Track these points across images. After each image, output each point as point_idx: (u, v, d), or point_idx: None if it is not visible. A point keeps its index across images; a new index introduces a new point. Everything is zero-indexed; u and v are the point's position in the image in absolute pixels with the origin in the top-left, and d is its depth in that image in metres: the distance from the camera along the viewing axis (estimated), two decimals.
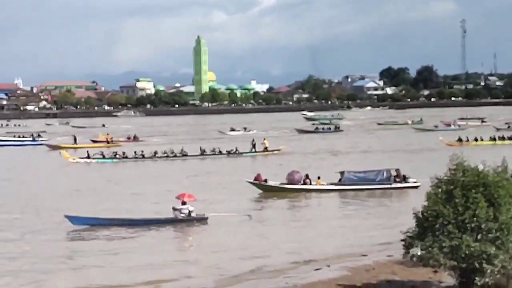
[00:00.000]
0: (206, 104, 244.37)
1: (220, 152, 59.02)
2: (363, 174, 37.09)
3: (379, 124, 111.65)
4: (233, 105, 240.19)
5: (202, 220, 27.99)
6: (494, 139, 68.06)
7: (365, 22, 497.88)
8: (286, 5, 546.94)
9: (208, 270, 20.71)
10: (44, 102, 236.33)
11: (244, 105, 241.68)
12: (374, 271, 19.39)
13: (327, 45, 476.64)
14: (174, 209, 27.84)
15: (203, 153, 58.72)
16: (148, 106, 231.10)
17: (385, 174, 36.79)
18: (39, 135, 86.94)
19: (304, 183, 36.37)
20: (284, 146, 63.53)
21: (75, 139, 74.81)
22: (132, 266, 21.41)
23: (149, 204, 32.88)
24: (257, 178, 36.63)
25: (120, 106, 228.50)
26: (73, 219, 27.40)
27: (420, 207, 14.90)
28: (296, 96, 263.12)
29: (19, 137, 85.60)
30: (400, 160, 49.81)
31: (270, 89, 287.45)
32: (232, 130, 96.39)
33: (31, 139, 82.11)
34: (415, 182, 35.65)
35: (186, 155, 58.08)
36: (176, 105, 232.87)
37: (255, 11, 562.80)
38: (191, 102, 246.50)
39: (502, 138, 68.80)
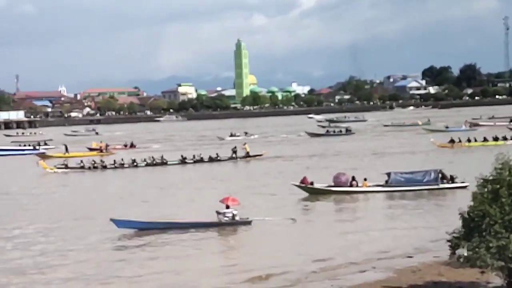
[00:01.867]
0: (247, 107, 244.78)
1: (201, 159, 58.32)
2: (410, 175, 36.71)
3: (385, 125, 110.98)
4: (274, 107, 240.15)
5: (246, 223, 28.01)
6: (485, 140, 65.87)
7: (406, 21, 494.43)
8: (326, 6, 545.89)
9: (252, 273, 20.69)
10: (87, 109, 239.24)
11: (285, 107, 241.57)
12: (420, 272, 19.24)
13: (368, 45, 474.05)
14: (218, 213, 27.91)
15: (183, 160, 57.97)
16: (190, 110, 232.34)
17: (432, 175, 36.38)
18: (45, 143, 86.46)
19: (351, 185, 36.18)
20: (265, 151, 62.41)
21: (66, 148, 73.40)
22: (178, 270, 21.53)
23: (182, 208, 32.98)
24: (303, 180, 36.53)
25: (162, 111, 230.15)
26: (118, 223, 27.67)
27: (466, 207, 14.74)
28: (337, 97, 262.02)
29: (25, 146, 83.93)
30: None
31: (311, 91, 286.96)
32: (232, 135, 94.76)
33: (31, 148, 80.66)
34: (463, 182, 35.20)
35: (166, 163, 57.05)
36: (218, 109, 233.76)
37: (295, 13, 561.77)
38: (233, 105, 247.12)
39: (495, 139, 66.37)
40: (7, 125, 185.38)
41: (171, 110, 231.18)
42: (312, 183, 36.39)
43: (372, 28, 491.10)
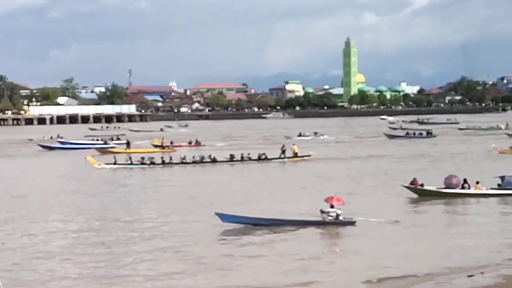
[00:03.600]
0: (354, 106, 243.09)
1: (250, 158, 57.30)
2: None
3: (460, 129, 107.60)
4: (382, 107, 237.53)
5: (350, 224, 27.66)
6: None
7: None
8: (439, 5, 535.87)
9: (354, 274, 20.38)
10: (196, 104, 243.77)
11: (393, 107, 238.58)
12: None
13: (482, 45, 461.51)
14: (322, 211, 27.69)
15: (232, 159, 57.13)
16: (297, 108, 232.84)
17: None
18: (118, 138, 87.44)
19: (463, 188, 35.21)
20: (313, 152, 60.83)
21: (128, 144, 73.72)
22: (281, 267, 21.46)
23: (281, 206, 32.85)
24: (413, 182, 35.84)
25: (269, 108, 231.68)
26: (223, 217, 27.88)
27: None
28: (448, 98, 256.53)
29: (97, 140, 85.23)
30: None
31: (420, 91, 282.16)
32: (300, 135, 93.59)
33: (102, 142, 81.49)
34: None
35: (215, 161, 56.15)
36: (325, 107, 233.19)
37: (407, 12, 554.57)
38: (340, 104, 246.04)
39: None
40: (119, 118, 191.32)
41: (278, 108, 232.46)
42: (422, 185, 35.64)
43: (487, 27, 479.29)
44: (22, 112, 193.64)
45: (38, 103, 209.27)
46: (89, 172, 52.10)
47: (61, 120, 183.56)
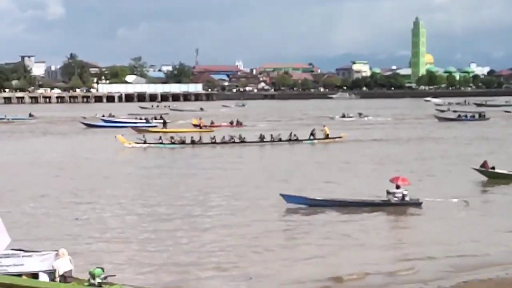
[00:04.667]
0: (422, 87, 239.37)
1: (280, 140, 56.76)
2: None
3: (506, 112, 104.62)
4: (450, 88, 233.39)
5: (416, 205, 27.25)
6: None
7: None
8: None
9: (420, 259, 20.03)
10: (262, 84, 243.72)
11: (463, 88, 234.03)
12: None
13: None
14: (388, 192, 27.36)
15: (262, 139, 56.71)
16: (364, 88, 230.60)
17: None
18: (161, 117, 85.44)
19: None
20: (345, 133, 59.85)
21: (165, 123, 73.37)
22: (349, 249, 21.31)
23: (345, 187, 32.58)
24: (484, 165, 35.10)
25: (335, 88, 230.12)
26: (288, 198, 27.80)
27: None
28: None
29: (140, 119, 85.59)
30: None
31: (491, 72, 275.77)
32: (343, 116, 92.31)
33: (144, 121, 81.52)
34: None
35: (244, 141, 55.90)
36: (392, 88, 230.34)
37: None
38: (407, 85, 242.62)
39: None
40: (186, 97, 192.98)
41: (345, 88, 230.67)
42: (493, 168, 34.87)
43: None
44: (92, 90, 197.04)
45: (107, 81, 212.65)
46: (119, 152, 52.10)
47: (129, 98, 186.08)
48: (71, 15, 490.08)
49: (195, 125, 73.59)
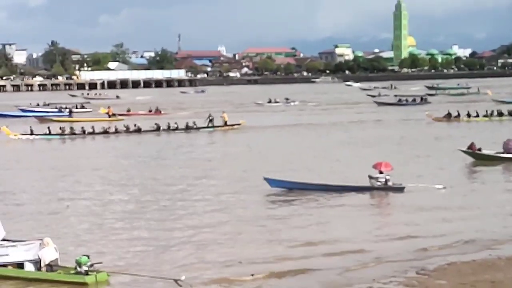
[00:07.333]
0: (405, 69, 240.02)
1: (177, 128, 56.02)
2: None
3: (428, 89, 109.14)
4: (433, 70, 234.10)
5: (399, 189, 27.47)
6: (489, 115, 60.36)
7: None
8: None
9: (404, 241, 20.26)
10: (245, 69, 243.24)
11: (445, 70, 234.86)
12: None
13: None
14: (371, 177, 27.58)
15: (158, 128, 55.75)
16: (347, 72, 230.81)
17: None
18: (82, 107, 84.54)
19: None
20: (243, 120, 59.00)
21: (71, 112, 71.71)
22: (329, 233, 21.50)
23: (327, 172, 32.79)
24: (471, 146, 35.43)
25: (318, 72, 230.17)
26: (271, 182, 27.98)
27: None
28: (501, 61, 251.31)
29: (55, 108, 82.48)
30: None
31: (473, 54, 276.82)
32: (270, 101, 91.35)
33: (56, 110, 78.77)
34: None
35: (140, 131, 54.86)
36: (375, 71, 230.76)
37: None
38: (390, 68, 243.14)
39: (500, 114, 60.48)
40: (169, 83, 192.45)
41: (328, 72, 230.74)
42: (480, 149, 35.23)
43: None
44: (73, 77, 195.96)
45: (89, 68, 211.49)
46: (3, 144, 50.18)
47: (111, 85, 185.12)
48: (53, 1, 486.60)
49: (110, 114, 70.02)
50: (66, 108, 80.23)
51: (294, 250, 19.28)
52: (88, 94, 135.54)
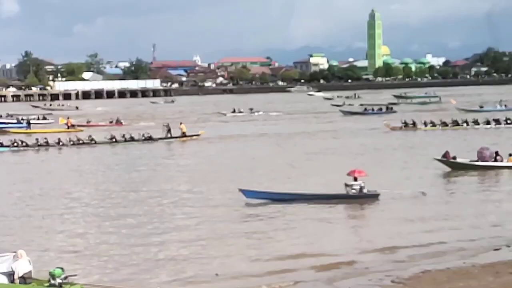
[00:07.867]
0: (379, 78, 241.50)
1: (132, 139, 54.70)
2: None
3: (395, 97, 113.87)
4: (407, 79, 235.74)
5: (374, 196, 27.60)
6: (444, 124, 61.50)
7: None
8: None
9: (380, 250, 20.34)
10: (221, 78, 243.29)
11: (419, 79, 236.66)
12: None
13: (509, 15, 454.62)
14: (346, 185, 27.67)
15: (112, 139, 54.39)
16: (321, 81, 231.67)
17: None
18: (44, 118, 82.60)
19: (495, 160, 34.98)
20: (202, 131, 58.55)
21: (29, 123, 70.84)
22: (305, 242, 21.52)
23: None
24: (446, 155, 35.70)
25: (293, 82, 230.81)
26: (246, 193, 27.92)
27: None
28: (474, 69, 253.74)
29: (18, 120, 78.98)
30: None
31: (446, 63, 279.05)
32: (234, 111, 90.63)
33: (15, 121, 76.68)
34: None
35: (94, 142, 53.67)
36: (349, 80, 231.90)
37: None
38: (365, 77, 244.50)
39: (455, 123, 61.65)
40: (144, 93, 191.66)
41: (302, 81, 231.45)
42: (454, 158, 35.51)
43: None
44: (47, 88, 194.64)
45: (64, 79, 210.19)
46: None
47: (86, 95, 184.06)
48: (27, 12, 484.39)
49: (69, 125, 69.01)
50: (23, 119, 78.17)
51: (260, 265, 19.08)
52: (50, 105, 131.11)
